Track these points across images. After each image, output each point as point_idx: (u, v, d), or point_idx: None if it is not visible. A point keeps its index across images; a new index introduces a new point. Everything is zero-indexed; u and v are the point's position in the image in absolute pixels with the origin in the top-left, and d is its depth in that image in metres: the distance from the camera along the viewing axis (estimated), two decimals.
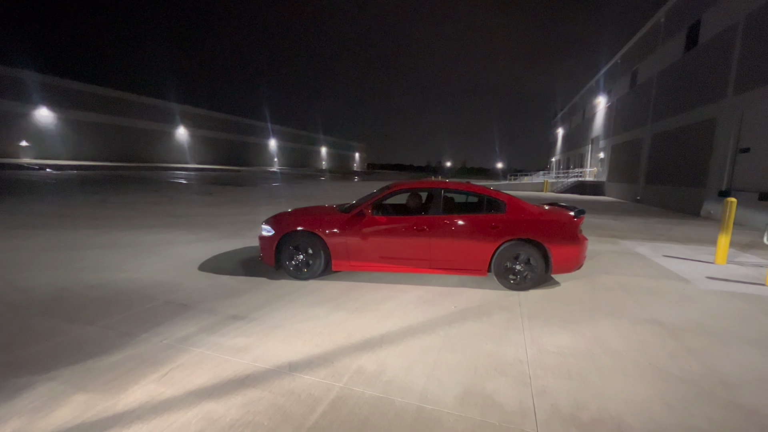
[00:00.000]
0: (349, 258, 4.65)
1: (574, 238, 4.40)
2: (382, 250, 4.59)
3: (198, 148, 51.70)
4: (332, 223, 4.67)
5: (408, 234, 4.53)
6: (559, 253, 4.36)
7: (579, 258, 4.46)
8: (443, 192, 4.79)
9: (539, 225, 4.40)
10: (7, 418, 2.03)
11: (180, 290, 4.12)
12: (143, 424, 2.01)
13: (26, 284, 4.17)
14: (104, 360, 2.65)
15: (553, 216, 4.52)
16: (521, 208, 4.54)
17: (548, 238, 4.35)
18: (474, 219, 4.52)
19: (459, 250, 4.49)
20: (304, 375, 2.54)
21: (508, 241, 4.40)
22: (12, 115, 32.68)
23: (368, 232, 4.58)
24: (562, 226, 4.42)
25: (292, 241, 4.65)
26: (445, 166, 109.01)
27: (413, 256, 4.56)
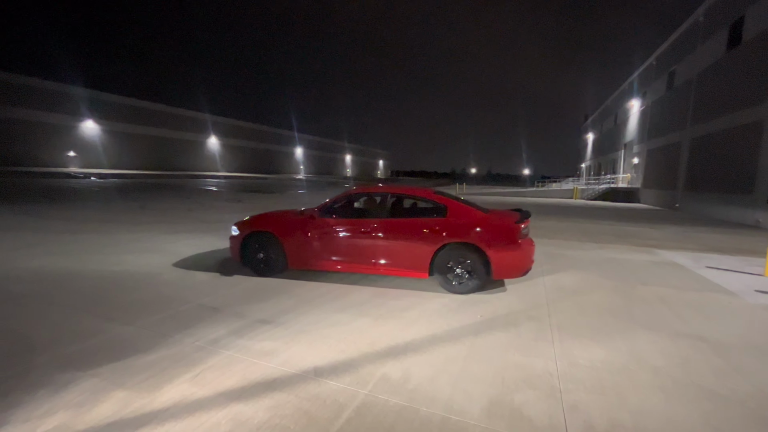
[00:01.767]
0: (302, 257, 4.95)
1: (513, 243, 4.37)
2: (332, 250, 4.85)
3: (227, 156, 53.68)
4: (288, 224, 5.04)
5: (355, 235, 4.75)
6: (499, 257, 4.34)
7: (521, 262, 4.45)
8: (390, 196, 5.04)
9: (477, 229, 4.42)
10: (55, 411, 2.16)
11: (211, 294, 4.26)
12: (177, 423, 2.09)
13: (71, 285, 4.44)
14: (141, 359, 2.78)
15: (492, 220, 4.54)
16: (462, 212, 4.61)
17: (487, 242, 4.34)
18: (416, 222, 4.63)
19: (401, 251, 4.61)
20: (329, 380, 2.56)
21: (447, 244, 4.44)
22: (62, 128, 35.21)
23: (319, 234, 4.86)
24: (500, 231, 4.42)
25: (254, 241, 5.02)
26: (469, 172, 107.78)
27: (360, 256, 4.76)
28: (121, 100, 40.39)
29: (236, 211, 13.04)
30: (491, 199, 25.48)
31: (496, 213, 4.91)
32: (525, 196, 29.83)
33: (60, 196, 15.86)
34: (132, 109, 41.29)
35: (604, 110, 41.29)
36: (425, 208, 4.91)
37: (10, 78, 31.62)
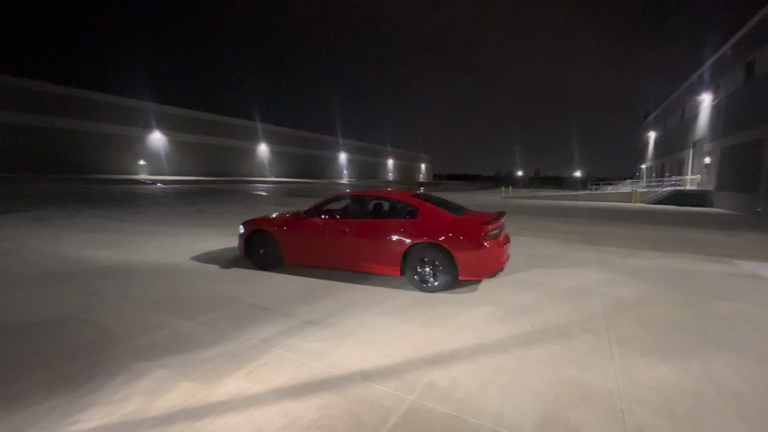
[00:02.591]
0: (293, 254, 5.45)
1: (477, 244, 4.46)
2: (316, 248, 5.31)
3: (275, 162, 56.30)
4: (282, 224, 5.52)
5: (336, 235, 5.14)
6: (464, 257, 4.47)
7: (486, 264, 4.53)
8: (369, 199, 5.43)
9: (444, 230, 4.59)
10: (131, 397, 2.39)
11: (263, 294, 4.49)
12: (235, 415, 2.22)
13: (142, 281, 4.89)
14: (202, 353, 2.99)
15: (459, 222, 4.70)
16: (432, 214, 4.82)
17: (452, 243, 4.48)
18: (389, 223, 4.92)
19: (376, 250, 4.90)
20: (375, 384, 2.58)
21: (417, 244, 4.63)
22: (134, 139, 39.07)
23: (306, 233, 5.34)
24: (465, 232, 4.55)
25: (255, 239, 5.58)
26: (515, 175, 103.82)
27: (340, 254, 5.15)
28: (183, 112, 43.97)
29: None
30: (538, 203, 24.35)
31: (468, 215, 5.02)
32: (576, 199, 28.11)
33: (133, 201, 17.58)
34: (192, 120, 44.78)
35: (669, 106, 37.92)
36: (400, 210, 5.17)
37: (92, 96, 35.70)
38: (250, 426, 2.13)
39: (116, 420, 2.16)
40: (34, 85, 31.79)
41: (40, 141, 31.70)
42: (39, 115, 31.75)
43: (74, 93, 34.42)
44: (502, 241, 4.76)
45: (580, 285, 5.09)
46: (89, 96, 35.53)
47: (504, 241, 4.85)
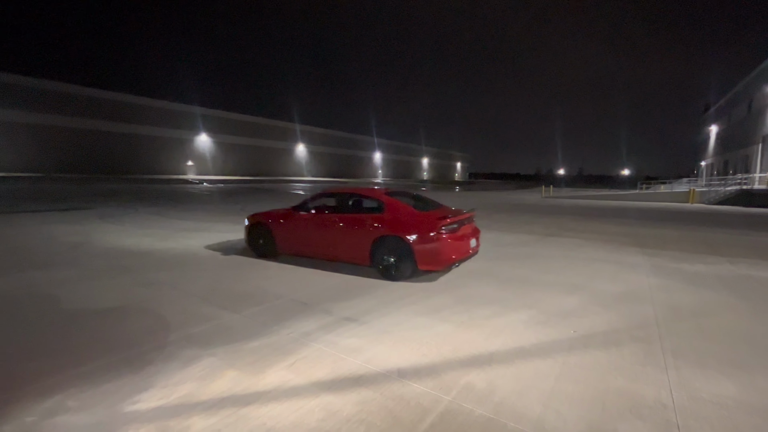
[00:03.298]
0: (284, 244, 6.05)
1: (432, 237, 4.79)
2: (300, 239, 5.89)
3: (312, 162, 57.75)
4: (276, 218, 6.15)
5: (315, 228, 5.70)
6: (421, 249, 4.83)
7: (440, 255, 4.82)
8: (347, 196, 5.93)
9: (405, 224, 5.00)
10: (184, 381, 2.57)
11: (301, 289, 4.63)
12: (277, 404, 2.32)
13: (193, 275, 5.22)
14: (247, 344, 3.15)
15: (417, 217, 5.08)
16: (396, 209, 5.24)
17: (410, 235, 4.87)
18: (360, 217, 5.38)
19: (348, 242, 5.37)
20: (412, 383, 2.59)
21: (382, 237, 5.05)
22: (183, 141, 41.67)
23: (293, 226, 5.96)
24: (421, 226, 4.91)
25: (256, 230, 6.26)
26: (556, 173, 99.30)
27: (320, 244, 5.69)
28: (226, 115, 46.27)
29: None
30: (581, 203, 23.13)
31: (431, 211, 5.35)
32: (624, 199, 26.39)
33: (182, 199, 18.77)
34: (235, 123, 47.00)
35: (734, 97, 34.63)
36: (370, 206, 5.65)
37: (147, 102, 38.47)
38: (292, 416, 2.21)
39: (172, 402, 2.33)
40: (97, 93, 34.81)
41: (102, 144, 34.67)
42: (101, 120, 34.72)
43: (131, 99, 37.28)
44: (460, 236, 5.07)
45: (628, 290, 4.80)
46: (144, 102, 38.33)
47: (463, 236, 5.14)
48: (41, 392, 2.41)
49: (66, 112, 32.38)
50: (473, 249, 5.45)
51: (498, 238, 8.68)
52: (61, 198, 17.23)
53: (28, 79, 30.53)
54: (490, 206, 18.71)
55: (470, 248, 5.33)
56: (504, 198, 26.91)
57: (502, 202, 22.65)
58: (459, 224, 5.10)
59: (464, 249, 5.15)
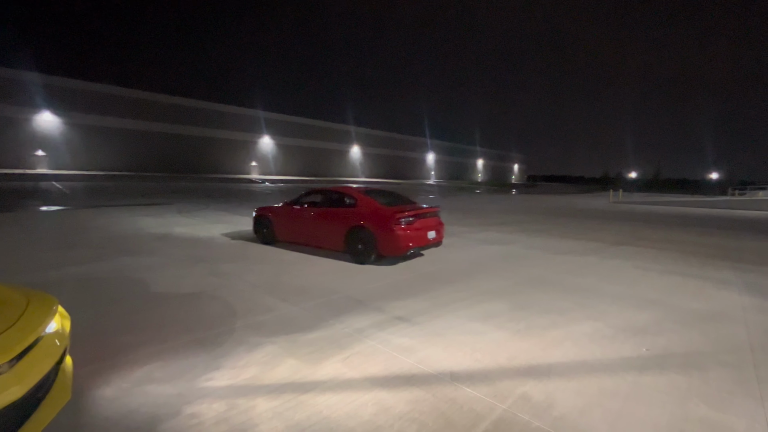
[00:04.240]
0: (281, 233, 7.17)
1: (390, 228, 5.60)
2: (294, 229, 6.99)
3: (366, 163, 58.86)
4: (275, 211, 7.32)
5: (302, 220, 6.80)
6: (381, 238, 5.66)
7: (397, 244, 5.62)
8: (331, 193, 6.81)
9: (371, 216, 5.84)
10: (250, 365, 2.78)
11: (357, 287, 4.76)
12: (333, 395, 2.42)
13: (257, 268, 5.61)
14: (305, 335, 3.31)
15: (380, 210, 5.87)
16: (365, 203, 6.10)
17: (374, 226, 5.73)
18: (338, 211, 6.33)
19: (327, 231, 6.36)
20: (465, 387, 2.55)
21: (354, 227, 5.94)
22: (248, 143, 44.80)
23: (288, 218, 7.04)
24: (381, 218, 5.73)
25: (260, 221, 7.48)
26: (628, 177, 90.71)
27: (307, 233, 6.76)
28: (287, 118, 48.90)
29: None
30: (657, 209, 20.87)
31: (395, 206, 6.07)
32: (711, 206, 23.34)
33: (247, 197, 20.23)
34: (294, 125, 49.51)
35: None
36: (347, 201, 6.43)
37: (218, 107, 41.99)
38: (346, 408, 2.30)
39: (240, 383, 2.54)
40: (178, 100, 38.72)
41: (178, 146, 38.48)
42: (180, 125, 38.55)
43: (205, 105, 40.92)
44: (417, 227, 5.84)
45: (714, 309, 4.27)
46: (216, 108, 41.86)
47: (420, 228, 5.91)
48: (133, 363, 2.76)
49: (151, 118, 36.47)
50: (432, 239, 6.20)
51: (558, 245, 8.19)
52: (146, 194, 19.45)
53: (120, 89, 34.89)
54: (550, 211, 17.67)
55: (428, 239, 6.09)
56: (566, 202, 25.24)
57: (564, 206, 21.26)
58: (416, 218, 5.89)
59: (421, 239, 5.93)
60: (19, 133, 28.94)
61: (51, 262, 5.62)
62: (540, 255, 7.07)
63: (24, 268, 5.28)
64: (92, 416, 2.17)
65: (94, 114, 32.69)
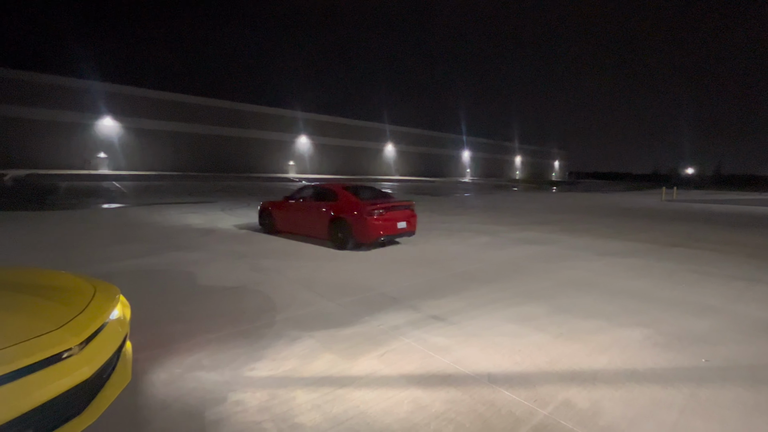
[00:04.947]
0: (280, 224, 8.20)
1: (361, 218, 6.44)
2: (289, 220, 7.99)
3: (400, 161, 58.81)
4: (275, 205, 8.35)
5: (296, 212, 7.83)
6: (355, 227, 6.54)
7: (367, 232, 6.46)
8: (318, 188, 7.85)
9: (348, 209, 6.70)
10: (289, 357, 2.88)
11: (391, 285, 4.78)
12: (369, 391, 2.45)
13: (295, 264, 5.79)
14: (341, 331, 3.38)
15: (354, 204, 6.68)
16: (344, 198, 6.99)
17: (349, 217, 6.62)
18: (323, 204, 7.23)
19: (314, 222, 7.31)
20: (503, 389, 2.49)
21: (335, 218, 6.85)
22: (286, 143, 46.27)
23: (285, 211, 8.08)
24: (354, 209, 6.58)
25: (264, 213, 8.57)
26: (683, 173, 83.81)
27: (299, 224, 7.77)
28: (324, 118, 49.95)
29: None
30: (718, 208, 19.11)
31: (369, 200, 6.85)
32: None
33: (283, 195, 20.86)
34: (330, 125, 50.46)
35: None
36: (331, 196, 7.27)
37: (260, 109, 43.69)
38: (383, 404, 2.32)
39: (280, 374, 2.64)
40: (219, 103, 40.72)
41: (221, 147, 40.46)
42: (222, 126, 40.52)
43: (245, 107, 42.70)
44: (387, 218, 6.66)
45: None
46: (255, 109, 43.57)
47: (390, 219, 6.73)
48: (184, 350, 2.95)
49: (197, 121, 38.64)
50: (402, 229, 6.98)
51: (603, 246, 7.75)
52: (193, 192, 20.66)
53: (170, 94, 37.22)
54: (593, 209, 16.76)
55: (398, 228, 6.90)
56: (611, 200, 23.79)
57: (609, 204, 20.06)
58: (387, 210, 6.70)
59: (391, 228, 6.77)
60: (84, 137, 31.75)
61: (111, 256, 6.13)
62: (583, 256, 6.73)
63: (89, 260, 5.79)
64: (149, 397, 2.35)
65: (147, 118, 35.18)
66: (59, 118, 30.37)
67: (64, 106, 30.45)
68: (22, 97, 28.52)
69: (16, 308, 1.93)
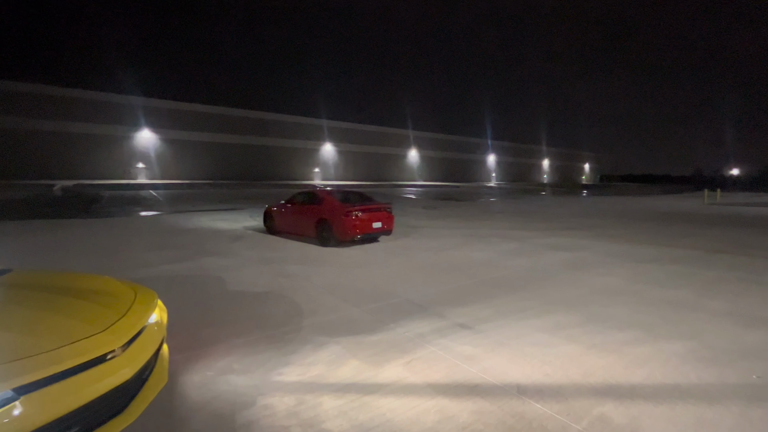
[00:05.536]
0: (279, 226, 9.27)
1: (339, 219, 7.47)
2: (285, 222, 9.04)
3: (424, 166, 58.63)
4: (276, 207, 9.42)
5: (290, 214, 8.89)
6: (336, 227, 7.54)
7: (345, 230, 7.43)
8: (308, 193, 8.99)
9: (330, 211, 7.76)
10: (316, 363, 2.91)
11: (416, 292, 4.76)
12: (395, 399, 2.44)
13: (319, 269, 5.87)
14: (367, 337, 3.39)
15: (336, 207, 7.72)
16: (327, 201, 8.08)
17: (330, 218, 7.67)
18: (311, 208, 8.30)
19: (305, 223, 8.31)
20: (533, 402, 2.41)
21: (320, 219, 7.88)
22: (311, 151, 47.25)
23: (281, 213, 9.16)
24: (334, 211, 7.65)
25: (267, 216, 9.71)
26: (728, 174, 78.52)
27: (294, 226, 8.77)
28: (347, 125, 50.69)
29: (433, 217, 14.07)
30: (766, 211, 17.75)
31: (349, 203, 7.89)
32: None
33: None
34: (354, 132, 51.12)
35: None
36: (317, 200, 8.41)
37: (285, 118, 44.94)
38: (409, 413, 2.30)
39: (307, 379, 2.68)
40: (248, 113, 42.20)
41: (250, 156, 41.81)
42: (251, 135, 41.92)
43: (272, 117, 44.03)
44: (363, 219, 7.55)
45: None
46: (281, 118, 44.83)
47: (366, 219, 7.61)
48: (215, 354, 3.05)
49: (227, 131, 40.19)
50: (377, 229, 7.86)
51: (640, 253, 7.39)
52: (223, 200, 21.42)
53: (201, 106, 38.95)
54: (628, 214, 16.02)
55: (373, 228, 7.76)
56: (647, 204, 22.64)
57: (645, 208, 19.10)
58: (363, 212, 7.61)
59: (367, 227, 7.63)
60: (124, 148, 33.76)
61: (148, 261, 6.45)
62: (617, 263, 6.44)
63: (128, 266, 6.12)
64: (184, 399, 2.44)
65: (181, 129, 36.99)
66: (102, 131, 32.55)
67: (106, 120, 32.63)
68: (69, 112, 30.80)
69: (65, 311, 2.07)
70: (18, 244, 8.01)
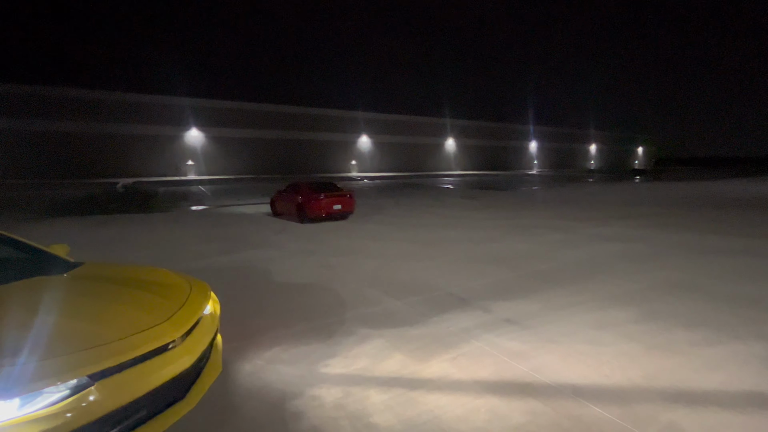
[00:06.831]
0: (278, 209, 11.61)
1: (309, 202, 10.01)
2: (281, 206, 11.41)
3: (461, 155, 57.26)
4: (277, 195, 11.75)
5: (284, 199, 11.18)
6: (306, 208, 10.04)
7: (313, 211, 9.96)
8: (296, 184, 11.23)
9: (304, 197, 10.20)
10: (360, 356, 2.93)
11: (458, 284, 4.65)
12: (442, 396, 2.40)
13: (361, 262, 5.92)
14: (410, 331, 3.36)
15: (307, 193, 10.29)
16: (304, 190, 10.51)
17: (304, 202, 10.10)
18: (293, 195, 10.69)
19: (290, 206, 10.68)
20: (591, 405, 2.26)
21: (298, 203, 10.27)
22: (348, 143, 47.72)
23: (278, 200, 11.59)
24: (306, 197, 10.14)
25: (272, 202, 12.11)
26: None
27: (285, 208, 11.11)
28: (383, 116, 50.52)
29: (472, 208, 13.72)
30: None
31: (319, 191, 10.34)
32: None
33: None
34: (389, 122, 50.88)
35: None
36: (300, 189, 10.61)
37: (324, 112, 45.64)
38: (458, 410, 2.24)
39: (352, 372, 2.70)
40: (287, 108, 43.29)
41: (290, 150, 42.99)
42: (289, 130, 43.03)
43: (310, 111, 44.85)
44: (327, 202, 9.99)
45: None
46: (319, 112, 45.53)
47: (329, 203, 10.04)
48: (264, 343, 3.16)
49: (268, 126, 41.57)
50: (338, 210, 10.20)
51: (704, 243, 6.74)
52: (265, 193, 22.18)
53: (244, 103, 40.51)
54: (688, 201, 14.69)
55: (334, 209, 10.10)
56: (713, 189, 20.61)
57: (711, 194, 17.41)
58: (326, 197, 10.02)
59: (329, 209, 10.01)
60: (175, 147, 36.05)
61: (199, 253, 6.83)
62: (678, 254, 5.92)
63: (181, 258, 6.52)
64: (237, 386, 2.55)
65: (225, 127, 38.79)
66: (156, 132, 35.01)
67: (160, 121, 35.05)
68: (128, 116, 33.35)
69: (131, 302, 2.22)
70: (86, 238, 8.81)
